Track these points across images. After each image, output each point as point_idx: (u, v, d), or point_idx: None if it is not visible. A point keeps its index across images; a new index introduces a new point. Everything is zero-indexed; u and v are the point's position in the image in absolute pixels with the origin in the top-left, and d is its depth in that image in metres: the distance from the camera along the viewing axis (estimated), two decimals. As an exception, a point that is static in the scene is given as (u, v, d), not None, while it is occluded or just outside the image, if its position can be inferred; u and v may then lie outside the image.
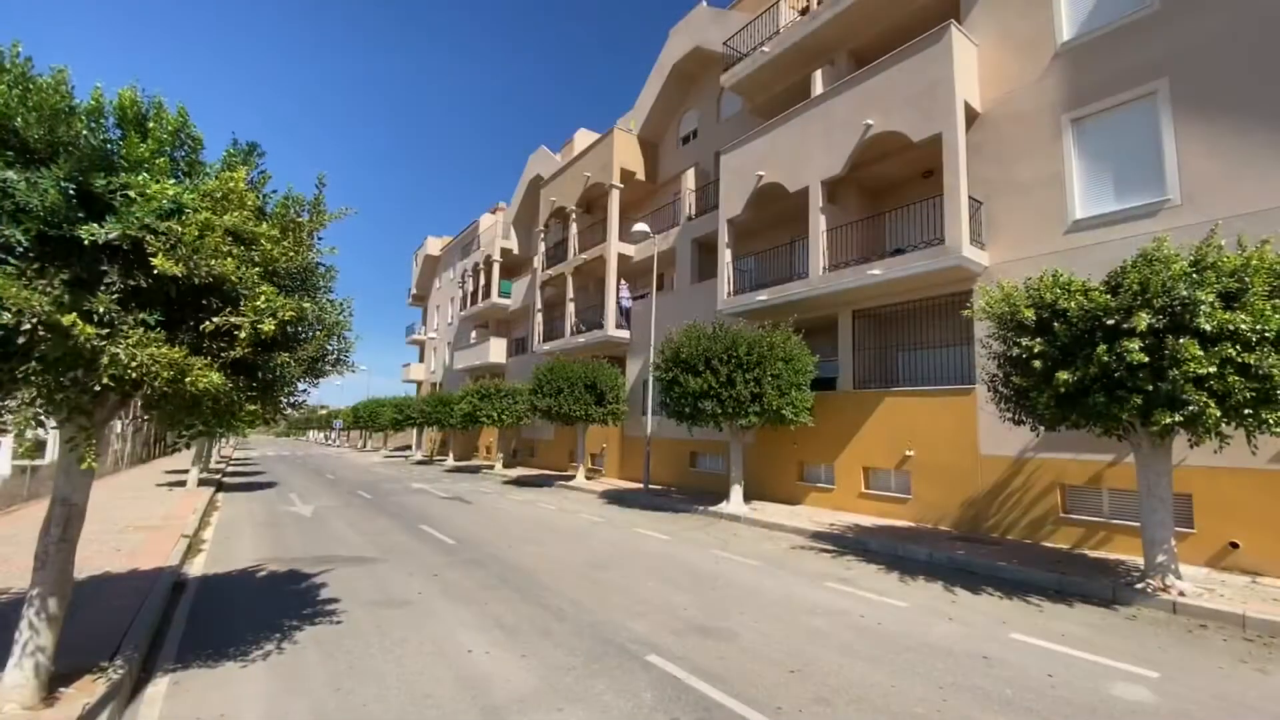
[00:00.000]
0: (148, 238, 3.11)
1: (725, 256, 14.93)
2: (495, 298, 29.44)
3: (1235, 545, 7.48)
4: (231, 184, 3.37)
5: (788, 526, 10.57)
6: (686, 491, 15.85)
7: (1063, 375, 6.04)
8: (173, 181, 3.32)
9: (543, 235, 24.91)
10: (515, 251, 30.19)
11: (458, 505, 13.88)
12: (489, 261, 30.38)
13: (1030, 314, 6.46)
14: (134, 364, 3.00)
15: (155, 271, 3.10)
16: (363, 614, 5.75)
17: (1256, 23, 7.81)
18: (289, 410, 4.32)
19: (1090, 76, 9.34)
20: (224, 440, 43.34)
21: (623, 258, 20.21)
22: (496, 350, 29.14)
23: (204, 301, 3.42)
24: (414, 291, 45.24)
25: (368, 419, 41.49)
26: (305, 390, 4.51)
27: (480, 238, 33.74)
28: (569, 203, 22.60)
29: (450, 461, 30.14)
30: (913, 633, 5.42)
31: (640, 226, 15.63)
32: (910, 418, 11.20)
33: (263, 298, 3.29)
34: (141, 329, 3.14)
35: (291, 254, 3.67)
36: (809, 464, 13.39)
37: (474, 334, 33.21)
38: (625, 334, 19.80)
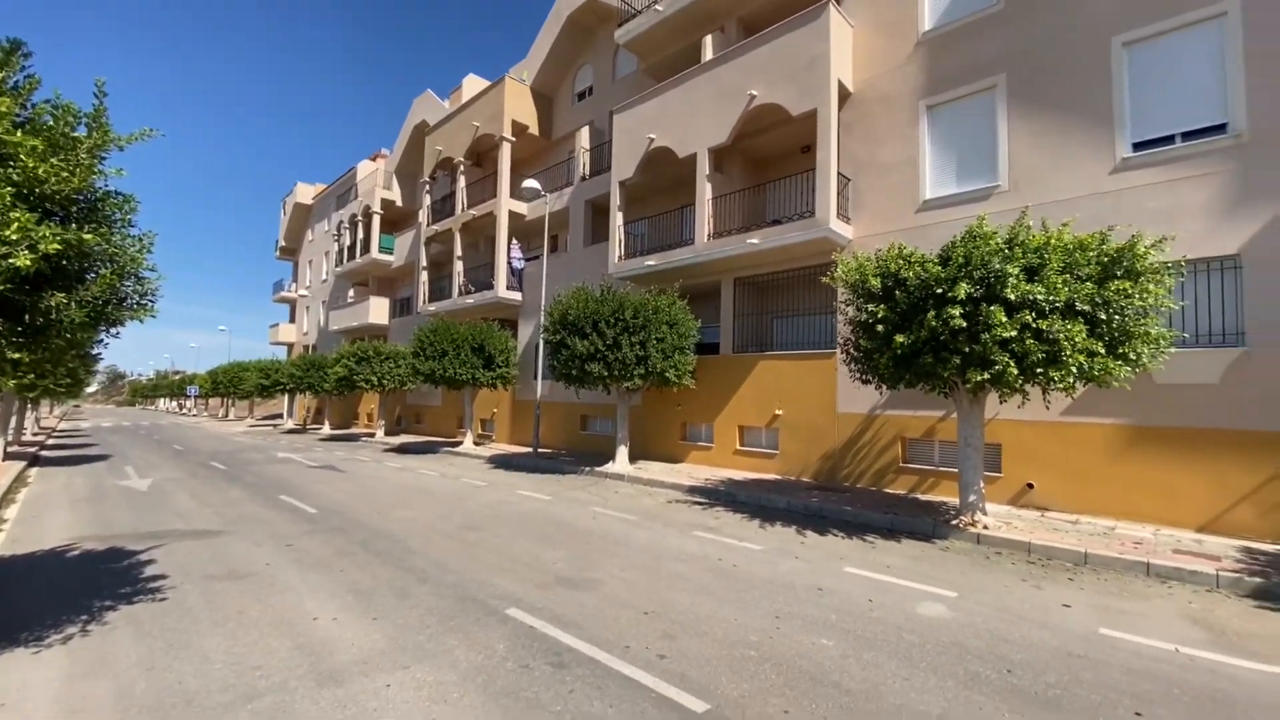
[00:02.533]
0: None
1: (617, 220, 14.85)
2: (376, 253, 27.31)
3: (1031, 486, 8.86)
4: (-31, 82, 2.76)
5: (667, 483, 11.02)
6: (577, 454, 15.98)
7: (900, 338, 6.72)
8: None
9: (428, 187, 23.31)
10: (398, 203, 28.06)
11: (327, 474, 12.99)
12: (368, 213, 28.00)
13: (877, 283, 7.08)
14: None
15: None
16: (194, 589, 5.24)
17: (1079, 30, 8.87)
18: (78, 366, 3.72)
19: (944, 67, 10.20)
20: (44, 409, 37.09)
21: (515, 216, 19.46)
22: (378, 310, 27.22)
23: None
24: (282, 243, 40.79)
25: (229, 385, 37.37)
26: (102, 341, 3.90)
27: (358, 186, 30.92)
28: (457, 154, 21.26)
29: (326, 430, 28.07)
30: (762, 572, 5.90)
31: (531, 183, 15.06)
32: (781, 379, 11.99)
33: (15, 225, 2.75)
34: None
35: (64, 174, 3.09)
36: (691, 424, 13.97)
37: (352, 292, 30.72)
38: (517, 296, 19.26)
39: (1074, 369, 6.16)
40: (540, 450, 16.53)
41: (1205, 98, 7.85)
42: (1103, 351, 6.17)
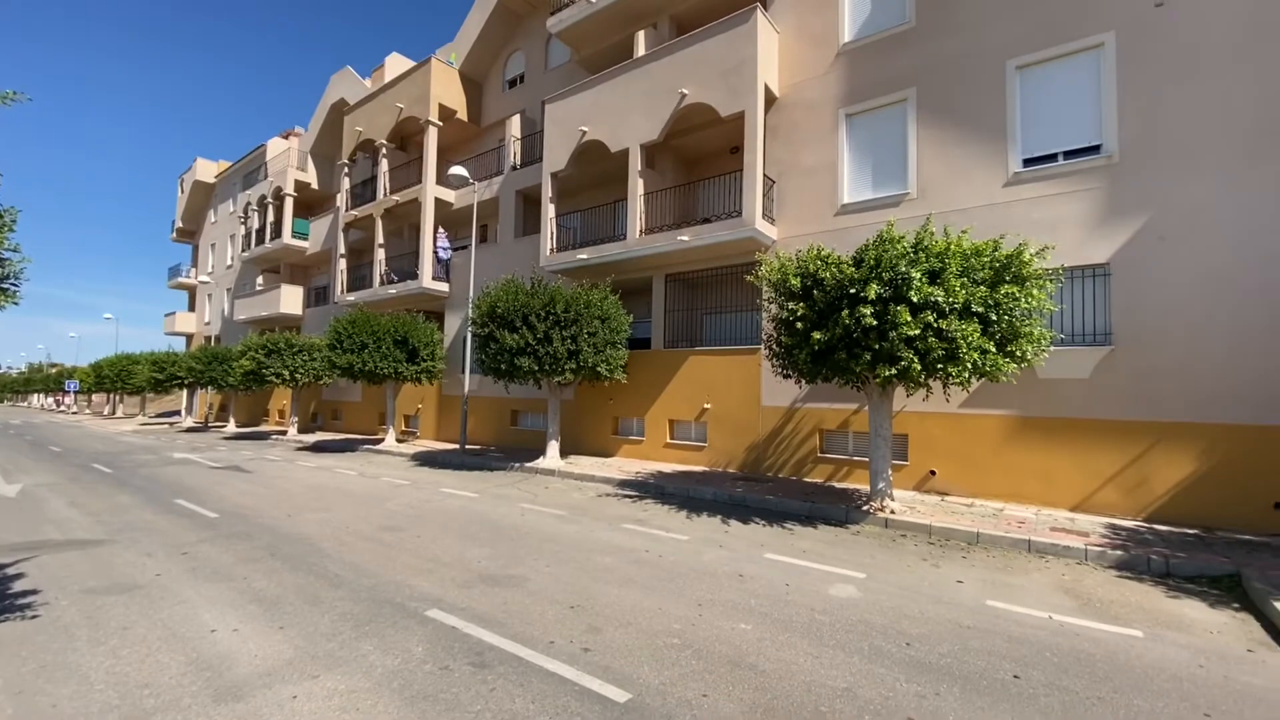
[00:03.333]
0: None
1: (549, 212, 14.65)
2: (288, 238, 25.52)
3: (933, 473, 9.57)
4: None
5: (598, 477, 11.05)
6: (506, 450, 15.70)
7: (817, 335, 7.08)
8: None
9: (347, 170, 22.03)
10: (314, 186, 26.35)
11: (231, 475, 12.08)
12: (280, 195, 26.10)
13: (797, 282, 7.40)
14: None
15: None
16: (71, 605, 4.74)
17: (979, 52, 9.59)
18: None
19: (861, 78, 10.76)
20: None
21: (441, 203, 18.76)
22: (290, 299, 25.48)
23: None
24: (180, 224, 37.30)
25: (116, 379, 33.78)
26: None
27: (268, 166, 28.77)
28: (379, 135, 20.20)
29: (231, 428, 26.03)
30: (687, 561, 6.05)
31: (459, 170, 14.57)
32: (710, 374, 12.30)
33: None
34: None
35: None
36: (623, 418, 14.07)
37: (261, 279, 28.60)
38: (444, 286, 18.61)
39: (969, 365, 6.72)
40: (468, 447, 16.12)
41: (1083, 120, 8.73)
42: (994, 349, 6.76)
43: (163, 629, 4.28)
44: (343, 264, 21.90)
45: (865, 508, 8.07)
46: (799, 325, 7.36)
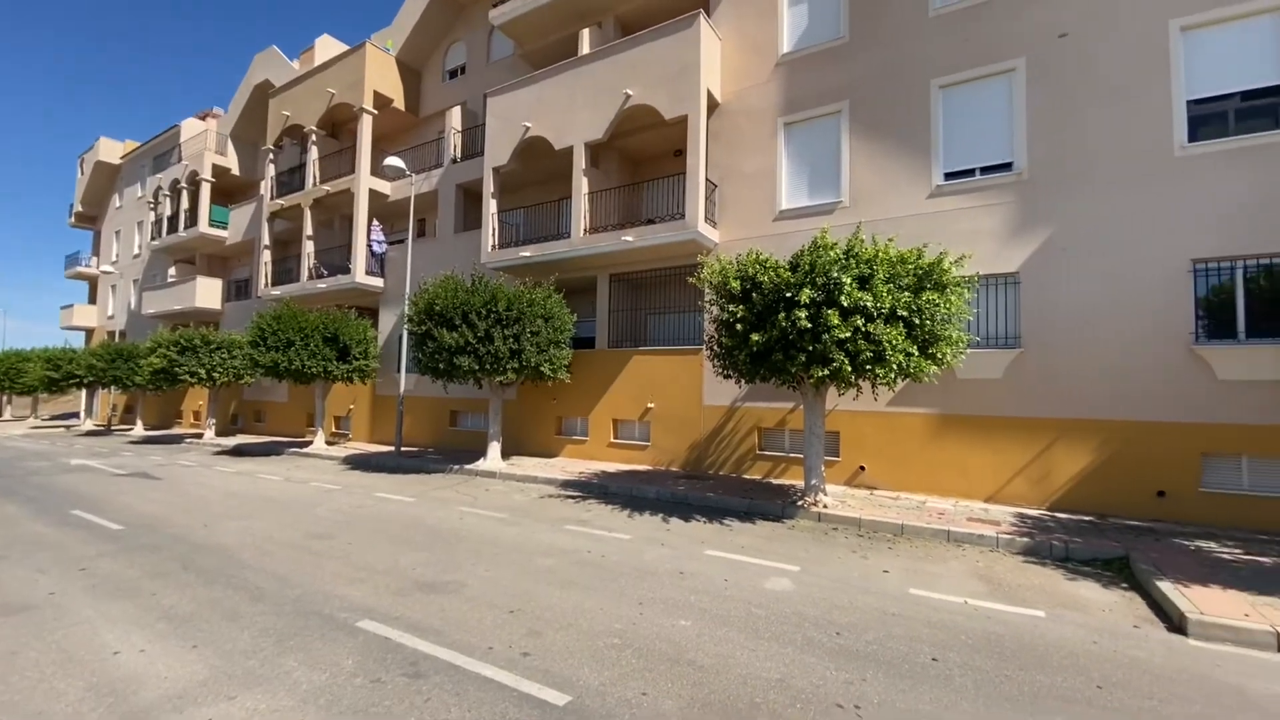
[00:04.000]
0: None
1: (491, 207, 14.34)
2: (206, 227, 23.79)
3: (863, 468, 10.05)
4: None
5: (540, 478, 10.93)
6: (445, 452, 15.26)
7: (756, 337, 7.29)
8: None
9: (272, 156, 20.76)
10: (235, 171, 24.69)
11: (139, 482, 11.15)
12: (196, 180, 24.29)
13: (737, 285, 7.60)
14: None
15: None
16: (-58, 633, 4.25)
17: (906, 70, 10.13)
18: None
19: (799, 88, 11.14)
20: None
21: (376, 195, 18.00)
22: (207, 292, 23.76)
23: None
24: (79, 209, 34.02)
25: (3, 378, 30.39)
26: None
27: (183, 148, 26.69)
28: (308, 121, 19.15)
29: (138, 431, 24.00)
30: (629, 560, 6.10)
31: (395, 161, 14.02)
32: (653, 374, 12.41)
33: None
34: None
35: None
36: (567, 418, 13.97)
37: (173, 270, 26.53)
38: (379, 282, 17.87)
39: (895, 366, 7.11)
40: (405, 449, 15.57)
41: (998, 139, 9.39)
42: (917, 352, 7.18)
43: (58, 652, 3.92)
44: (267, 256, 20.63)
45: (800, 503, 8.38)
46: (739, 327, 7.56)
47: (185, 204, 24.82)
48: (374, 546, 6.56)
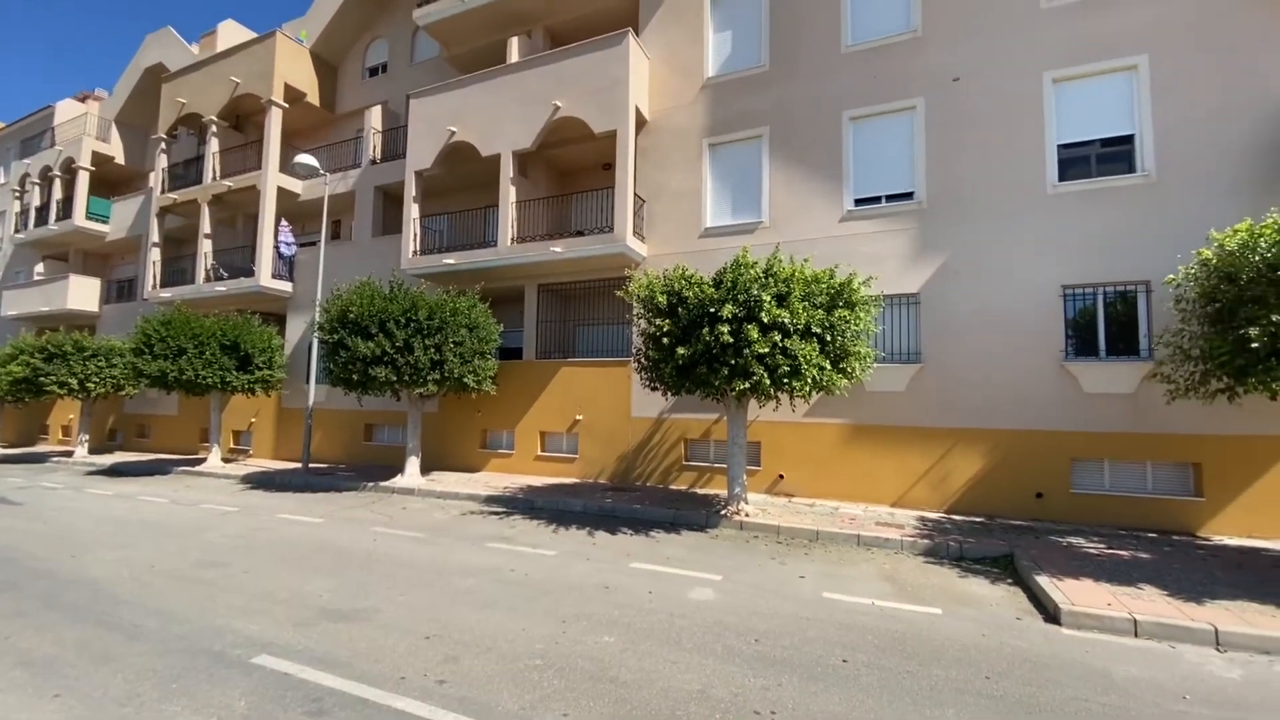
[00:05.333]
0: None
1: (413, 211, 13.82)
2: (82, 220, 21.33)
3: (782, 476, 10.46)
4: None
5: (462, 494, 10.57)
6: (359, 468, 14.42)
7: (681, 350, 7.47)
8: None
9: (165, 146, 18.99)
10: (119, 160, 22.36)
11: (-11, 509, 9.76)
12: (72, 168, 21.77)
13: (664, 299, 7.76)
14: None
15: None
16: None
17: (821, 101, 10.77)
18: None
19: (723, 111, 11.59)
20: None
21: (286, 193, 16.86)
22: (82, 292, 21.29)
23: None
24: (-83, 193, 29.48)
25: None
26: None
27: (56, 132, 23.91)
28: (208, 111, 17.69)
29: (-9, 448, 21.00)
30: (554, 577, 6.01)
31: (307, 159, 13.22)
32: (582, 385, 12.36)
33: None
34: None
35: None
36: (492, 431, 13.61)
37: (41, 267, 23.59)
38: (286, 286, 16.72)
39: (810, 380, 7.50)
40: (313, 465, 14.58)
41: (901, 170, 10.17)
42: (829, 366, 7.60)
43: None
44: (156, 254, 18.77)
45: (724, 512, 8.60)
46: (665, 340, 7.71)
47: (58, 194, 22.16)
48: (275, 573, 6.09)
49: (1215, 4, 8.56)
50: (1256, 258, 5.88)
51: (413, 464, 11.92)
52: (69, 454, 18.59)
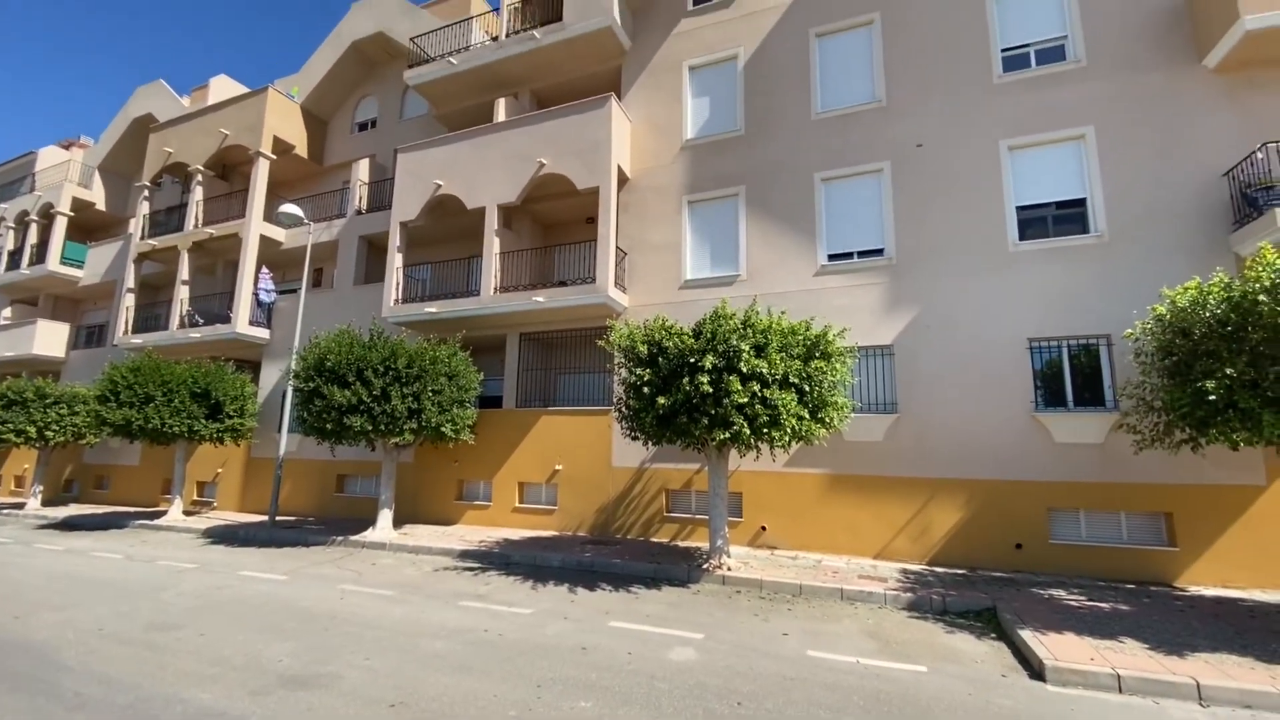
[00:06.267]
0: None
1: (396, 260, 13.92)
2: (56, 265, 21.02)
3: (764, 528, 10.34)
4: None
5: (436, 549, 10.22)
6: (330, 521, 13.90)
7: (662, 400, 7.49)
8: None
9: (148, 193, 19.03)
10: (99, 206, 22.30)
11: (-76, 567, 9.14)
12: (50, 213, 21.63)
13: (644, 349, 7.84)
14: None
15: None
16: None
17: (794, 163, 11.31)
18: None
19: (701, 171, 12.09)
20: None
21: (268, 241, 16.90)
22: (49, 338, 20.76)
23: None
24: (-117, 236, 28.86)
25: None
26: None
27: (38, 177, 23.86)
28: (195, 160, 17.87)
29: (-67, 500, 19.81)
30: (529, 637, 5.78)
31: (291, 208, 13.34)
32: (561, 434, 12.24)
33: None
34: None
35: None
36: (469, 481, 13.31)
37: (9, 311, 23.02)
38: (263, 333, 16.50)
39: (789, 430, 7.54)
40: (282, 518, 14.03)
41: (871, 227, 10.62)
42: (808, 416, 7.68)
43: None
44: (130, 300, 18.47)
45: (705, 566, 8.43)
46: (646, 390, 7.74)
47: (33, 238, 21.92)
48: (232, 636, 5.76)
49: (1150, 82, 9.33)
50: (1207, 314, 6.20)
51: (385, 517, 11.54)
52: (20, 506, 17.61)
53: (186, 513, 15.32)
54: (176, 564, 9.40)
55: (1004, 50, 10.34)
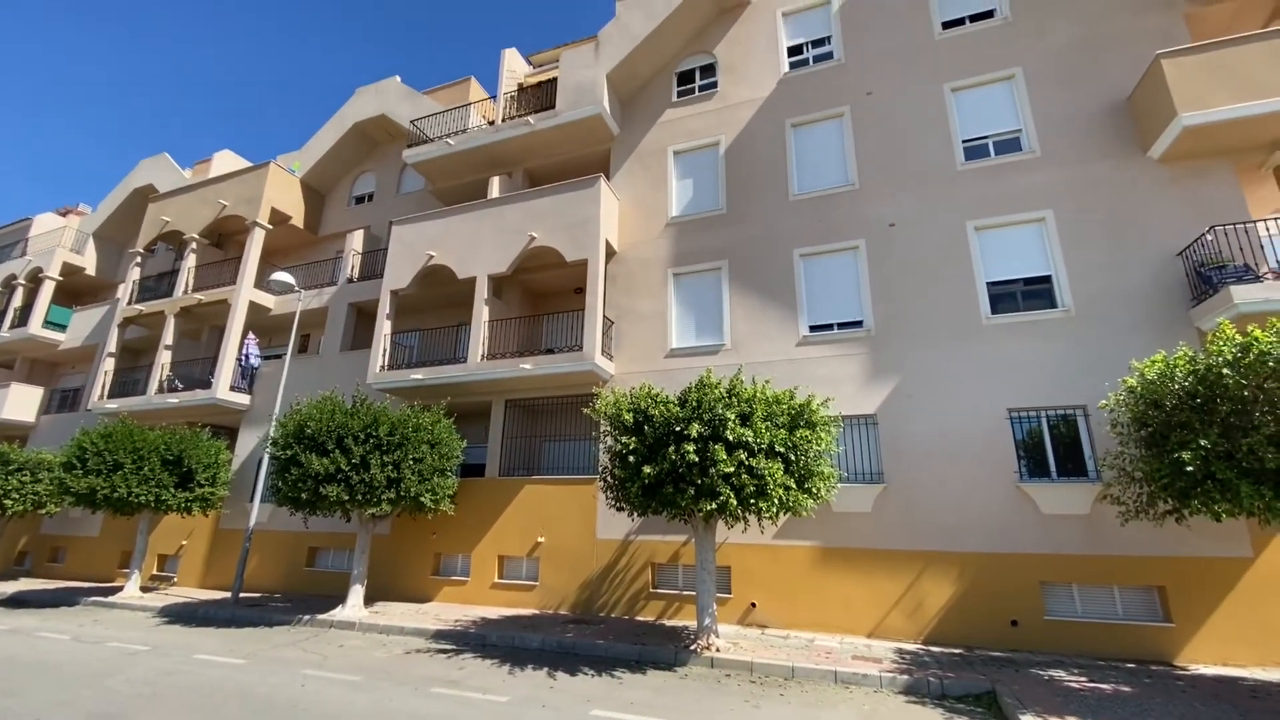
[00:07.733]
0: None
1: (385, 327, 14.01)
2: (38, 329, 20.82)
3: (754, 605, 9.97)
4: None
5: (409, 628, 9.68)
6: (297, 598, 13.16)
7: (648, 469, 7.41)
8: None
9: (140, 260, 19.24)
10: (89, 271, 22.42)
11: None
12: (38, 277, 21.70)
13: (630, 417, 7.84)
14: None
15: None
16: None
17: (774, 240, 11.84)
18: None
19: (685, 246, 12.59)
20: None
21: (257, 307, 17.00)
22: (21, 402, 20.23)
23: None
24: None
25: None
26: None
27: (30, 242, 24.08)
28: (191, 229, 18.23)
29: None
30: (503, 728, 5.40)
31: (283, 276, 13.52)
32: (545, 504, 11.94)
33: None
34: None
35: None
36: (447, 555, 12.79)
37: (-19, 376, 22.51)
38: (244, 399, 16.26)
39: (776, 500, 7.45)
40: (246, 595, 13.26)
41: (850, 300, 10.99)
42: (794, 486, 7.62)
43: None
44: (110, 364, 18.20)
45: (693, 647, 8.04)
46: (631, 458, 7.66)
47: (18, 301, 21.84)
48: (181, 728, 5.31)
49: (1101, 171, 10.05)
50: (1176, 386, 6.40)
51: (356, 593, 10.97)
52: (-39, 583, 16.48)
53: (144, 589, 14.44)
54: (127, 646, 8.77)
55: (964, 141, 11.15)
